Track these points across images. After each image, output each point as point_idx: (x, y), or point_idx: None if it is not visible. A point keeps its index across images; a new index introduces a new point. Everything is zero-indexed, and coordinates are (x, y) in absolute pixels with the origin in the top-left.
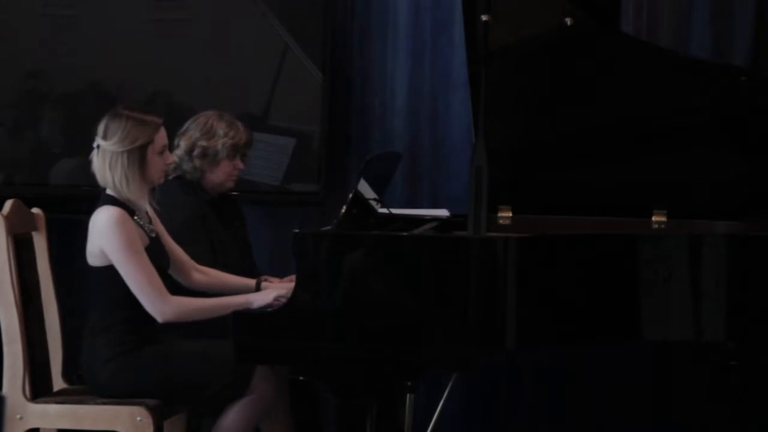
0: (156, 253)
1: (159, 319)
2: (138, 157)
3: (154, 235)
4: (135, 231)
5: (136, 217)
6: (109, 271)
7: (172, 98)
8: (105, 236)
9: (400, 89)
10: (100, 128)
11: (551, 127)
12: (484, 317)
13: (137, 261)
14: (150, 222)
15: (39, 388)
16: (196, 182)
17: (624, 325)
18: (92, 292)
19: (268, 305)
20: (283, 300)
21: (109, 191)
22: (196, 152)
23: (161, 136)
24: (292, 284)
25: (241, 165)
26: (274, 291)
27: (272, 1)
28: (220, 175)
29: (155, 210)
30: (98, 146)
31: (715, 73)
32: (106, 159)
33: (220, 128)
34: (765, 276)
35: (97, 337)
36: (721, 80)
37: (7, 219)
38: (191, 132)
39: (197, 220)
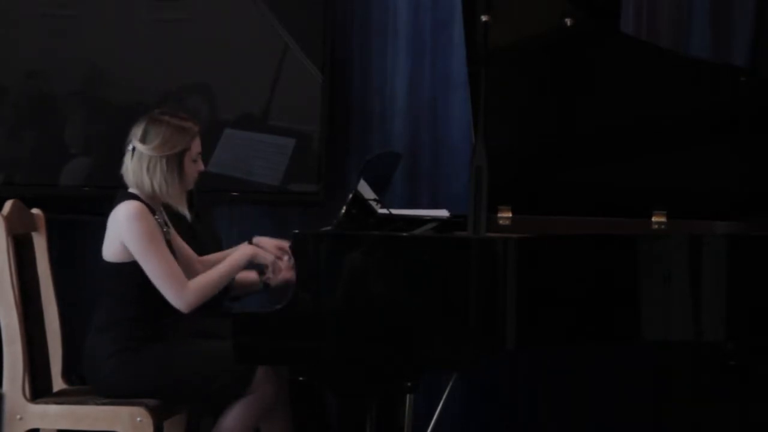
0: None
1: (184, 309)
2: (176, 162)
3: (168, 238)
4: (155, 225)
5: (156, 216)
6: (125, 267)
7: (172, 98)
8: (126, 229)
9: (400, 89)
10: (138, 131)
11: (551, 127)
12: (484, 317)
13: (160, 252)
14: (167, 225)
15: (39, 389)
16: None
17: (624, 325)
18: (104, 288)
19: (271, 265)
20: (284, 256)
21: (131, 189)
22: None
23: (197, 144)
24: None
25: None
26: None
27: (272, 1)
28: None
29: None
30: (134, 148)
31: (715, 73)
32: (143, 162)
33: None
34: (765, 276)
35: (103, 333)
36: (721, 80)
37: (7, 219)
38: None
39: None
